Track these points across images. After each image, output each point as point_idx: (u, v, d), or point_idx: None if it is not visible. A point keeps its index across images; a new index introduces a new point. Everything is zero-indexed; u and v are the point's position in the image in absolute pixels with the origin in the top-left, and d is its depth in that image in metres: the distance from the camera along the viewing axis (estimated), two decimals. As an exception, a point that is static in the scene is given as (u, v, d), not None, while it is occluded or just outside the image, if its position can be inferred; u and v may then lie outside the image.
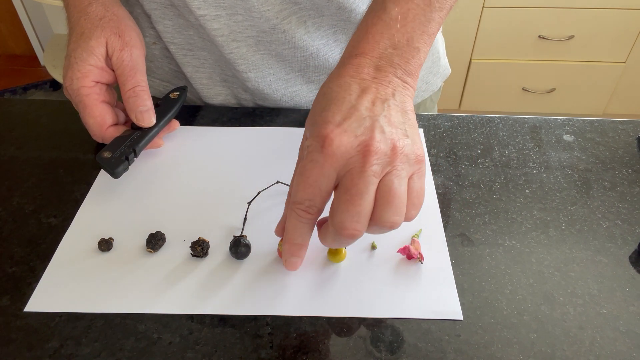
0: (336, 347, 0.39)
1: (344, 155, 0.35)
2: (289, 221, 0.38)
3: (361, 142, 0.35)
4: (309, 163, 0.36)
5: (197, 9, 0.54)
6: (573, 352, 0.38)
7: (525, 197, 0.51)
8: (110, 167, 0.49)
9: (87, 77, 0.51)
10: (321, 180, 0.36)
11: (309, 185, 0.36)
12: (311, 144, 0.36)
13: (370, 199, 0.35)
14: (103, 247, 0.45)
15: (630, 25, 1.80)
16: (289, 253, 0.40)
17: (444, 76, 0.73)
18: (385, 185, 0.35)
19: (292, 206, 0.37)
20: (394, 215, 0.35)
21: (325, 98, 0.38)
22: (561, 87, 1.98)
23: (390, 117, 0.37)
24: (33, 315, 0.41)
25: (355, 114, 0.36)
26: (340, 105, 0.37)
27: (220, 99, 0.66)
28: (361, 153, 0.35)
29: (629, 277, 0.43)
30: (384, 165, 0.35)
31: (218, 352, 0.38)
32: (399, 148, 0.36)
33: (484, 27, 1.84)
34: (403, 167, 0.36)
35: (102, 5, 0.52)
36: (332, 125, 0.36)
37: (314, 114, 0.38)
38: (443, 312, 0.41)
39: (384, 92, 0.38)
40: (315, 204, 0.36)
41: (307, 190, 0.36)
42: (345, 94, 0.38)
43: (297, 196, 0.37)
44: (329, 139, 0.35)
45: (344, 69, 0.39)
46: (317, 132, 0.36)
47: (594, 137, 0.58)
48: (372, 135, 0.35)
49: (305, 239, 0.39)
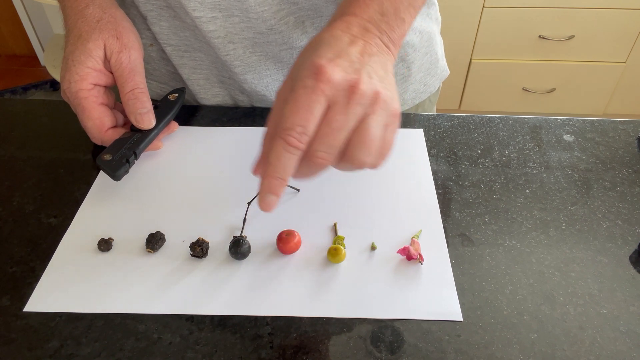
0: (336, 347, 0.38)
1: (335, 85, 0.36)
2: (275, 151, 0.36)
3: (350, 80, 0.36)
4: (301, 89, 0.36)
5: (192, 10, 0.54)
6: (573, 352, 0.38)
7: (525, 197, 0.51)
8: (111, 169, 0.49)
9: (85, 79, 0.50)
10: (314, 105, 0.35)
11: (302, 109, 0.35)
12: (304, 74, 0.36)
13: (347, 135, 0.36)
14: (103, 247, 0.45)
15: (630, 25, 1.80)
16: (267, 189, 0.37)
17: (442, 77, 0.73)
18: (364, 127, 0.36)
19: (280, 134, 0.35)
20: (365, 156, 0.37)
21: (317, 43, 0.39)
22: (561, 87, 1.98)
23: (376, 70, 0.38)
24: (33, 315, 0.41)
25: (346, 57, 0.37)
26: (333, 47, 0.38)
27: (218, 100, 0.66)
28: (349, 90, 0.36)
29: (629, 277, 0.43)
30: (366, 107, 0.36)
31: (218, 352, 0.38)
32: (381, 97, 0.37)
33: (484, 27, 1.84)
34: (382, 114, 0.37)
35: (100, 7, 0.52)
36: (325, 59, 0.36)
37: (303, 56, 0.39)
38: (443, 313, 0.41)
39: (369, 50, 0.39)
40: (307, 131, 0.35)
41: (299, 115, 0.35)
42: (337, 41, 0.39)
43: (288, 121, 0.35)
44: (323, 68, 0.36)
45: (335, 24, 0.40)
46: (310, 64, 0.36)
47: (594, 137, 0.58)
48: (360, 76, 0.36)
49: (287, 174, 0.36)
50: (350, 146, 0.37)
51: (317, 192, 0.51)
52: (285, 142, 0.35)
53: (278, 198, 0.37)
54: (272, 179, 0.36)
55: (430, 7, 0.67)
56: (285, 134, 0.35)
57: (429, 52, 0.68)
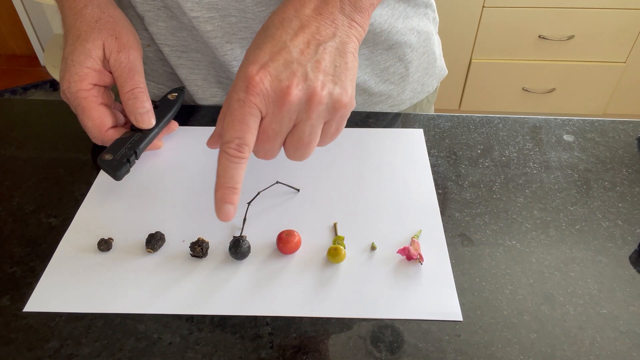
0: (336, 347, 0.39)
1: (265, 97, 0.37)
2: (221, 164, 0.38)
3: (282, 89, 0.37)
4: (235, 102, 0.38)
5: (190, 10, 0.54)
6: (573, 352, 0.38)
7: (525, 197, 0.51)
8: (112, 169, 0.49)
9: (84, 79, 0.50)
10: (248, 118, 0.38)
11: (238, 123, 0.38)
12: (238, 85, 0.38)
13: (282, 139, 0.40)
14: (103, 247, 0.45)
15: (630, 25, 1.80)
16: (221, 200, 0.39)
17: (440, 77, 0.73)
18: (297, 133, 0.39)
19: (222, 147, 0.38)
20: (299, 157, 0.41)
21: (265, 33, 0.40)
22: (561, 87, 1.98)
23: (321, 62, 0.38)
24: (33, 315, 0.41)
25: (284, 56, 0.38)
26: (274, 45, 0.38)
27: (216, 101, 0.65)
28: (279, 100, 0.37)
29: (629, 277, 0.43)
30: (300, 112, 0.38)
31: (218, 352, 0.38)
32: (317, 97, 0.38)
33: (484, 27, 1.84)
34: (319, 115, 0.39)
35: (98, 7, 0.52)
36: (258, 65, 0.37)
37: (249, 49, 0.40)
38: (443, 313, 0.41)
39: (324, 33, 0.39)
40: (245, 142, 0.38)
41: (236, 128, 0.38)
42: (283, 31, 0.39)
43: (227, 135, 0.38)
44: (253, 80, 0.37)
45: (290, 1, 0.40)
46: (244, 72, 0.38)
47: (594, 137, 0.58)
48: (292, 83, 0.37)
49: (237, 182, 0.39)
50: (287, 146, 0.41)
51: (317, 192, 0.51)
52: (227, 155, 0.38)
53: (234, 206, 0.39)
54: (223, 189, 0.39)
55: (427, 8, 0.67)
56: (226, 147, 0.38)
57: (427, 52, 0.68)
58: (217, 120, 0.44)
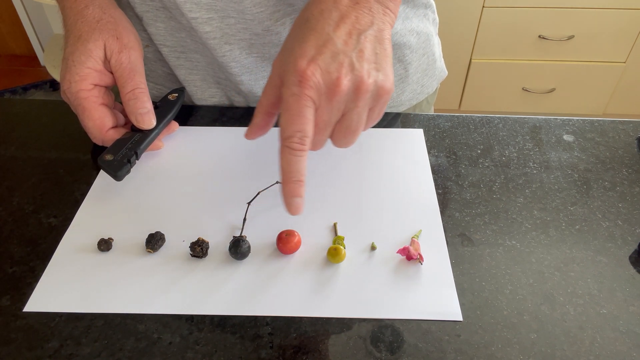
0: (336, 347, 0.39)
1: (317, 89, 0.38)
2: (284, 159, 0.39)
3: (332, 80, 0.38)
4: (290, 97, 0.39)
5: (188, 11, 0.54)
6: (573, 352, 0.38)
7: (525, 197, 0.51)
8: (113, 170, 0.49)
9: (85, 80, 0.50)
10: (305, 110, 0.38)
11: (296, 116, 0.38)
12: (290, 80, 0.39)
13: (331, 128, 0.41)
14: (102, 247, 0.45)
15: (630, 25, 1.80)
16: (289, 194, 0.40)
17: (440, 78, 0.73)
18: (345, 122, 0.41)
19: (284, 143, 0.39)
20: (346, 144, 0.42)
21: (306, 26, 0.40)
22: (561, 87, 1.98)
23: (364, 50, 0.39)
24: (33, 315, 0.41)
25: (330, 48, 0.39)
26: (318, 37, 0.39)
27: (214, 101, 0.65)
28: (331, 90, 0.38)
29: (629, 277, 0.43)
30: (348, 102, 0.39)
31: (218, 352, 0.38)
32: (364, 86, 0.39)
33: (484, 27, 1.84)
34: (366, 103, 0.40)
35: (99, 7, 0.52)
36: (307, 59, 0.38)
37: (291, 41, 0.41)
38: (442, 313, 0.41)
39: (362, 22, 0.40)
40: (306, 134, 0.39)
41: (295, 122, 0.38)
42: (325, 23, 0.39)
43: (288, 130, 0.39)
44: (305, 74, 0.38)
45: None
46: (293, 67, 0.39)
47: (594, 137, 0.58)
48: (341, 74, 0.38)
49: (302, 175, 0.40)
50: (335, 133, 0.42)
51: (317, 192, 0.51)
52: (290, 149, 0.39)
53: (302, 199, 0.40)
54: (290, 183, 0.40)
55: (427, 8, 0.67)
56: (288, 142, 0.39)
57: (426, 53, 0.68)
58: (255, 113, 0.45)
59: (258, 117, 0.45)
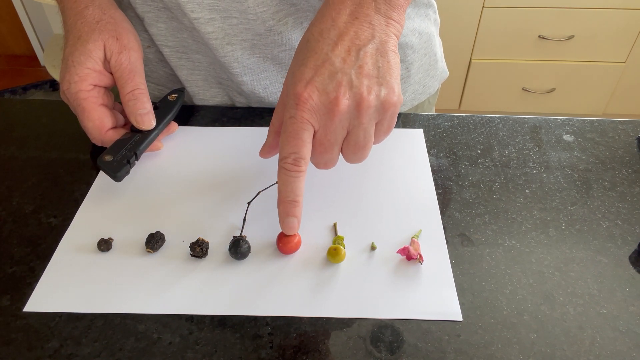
0: (336, 347, 0.39)
1: (316, 111, 0.39)
2: (280, 179, 0.40)
3: (330, 100, 0.38)
4: (288, 119, 0.40)
5: (190, 12, 0.54)
6: (573, 352, 0.38)
7: (525, 197, 0.51)
8: (112, 170, 0.49)
9: (85, 80, 0.50)
10: (301, 133, 0.39)
11: (292, 139, 0.39)
12: (288, 102, 0.40)
13: (339, 147, 0.41)
14: (102, 247, 0.45)
15: (630, 25, 1.80)
16: (284, 213, 0.41)
17: (441, 79, 0.73)
18: (352, 139, 0.41)
19: (280, 163, 0.40)
20: (358, 159, 0.43)
21: (306, 47, 0.41)
22: (561, 87, 1.98)
23: (363, 66, 0.39)
24: (33, 315, 0.41)
25: (328, 68, 0.39)
26: (317, 58, 0.39)
27: (216, 101, 0.65)
28: (330, 111, 0.39)
29: (629, 277, 0.43)
30: (351, 119, 0.40)
31: (218, 352, 0.38)
32: (365, 102, 0.39)
33: (484, 27, 1.84)
34: (370, 118, 0.40)
35: (99, 8, 0.52)
36: (304, 82, 0.39)
37: (294, 65, 0.42)
38: (442, 313, 0.41)
39: (362, 36, 0.40)
40: (301, 156, 0.39)
41: (291, 144, 0.39)
42: (324, 43, 0.40)
43: (283, 151, 0.40)
44: (302, 97, 0.39)
45: (327, 9, 0.41)
46: (292, 90, 0.39)
47: (594, 137, 0.58)
48: (339, 93, 0.38)
49: (298, 195, 0.40)
50: (345, 151, 0.42)
51: (317, 192, 0.51)
52: (285, 170, 0.40)
53: (297, 219, 0.41)
54: (285, 203, 0.41)
55: (429, 8, 0.67)
56: (283, 162, 0.40)
57: (428, 54, 0.68)
58: (268, 132, 0.46)
59: (270, 137, 0.46)
